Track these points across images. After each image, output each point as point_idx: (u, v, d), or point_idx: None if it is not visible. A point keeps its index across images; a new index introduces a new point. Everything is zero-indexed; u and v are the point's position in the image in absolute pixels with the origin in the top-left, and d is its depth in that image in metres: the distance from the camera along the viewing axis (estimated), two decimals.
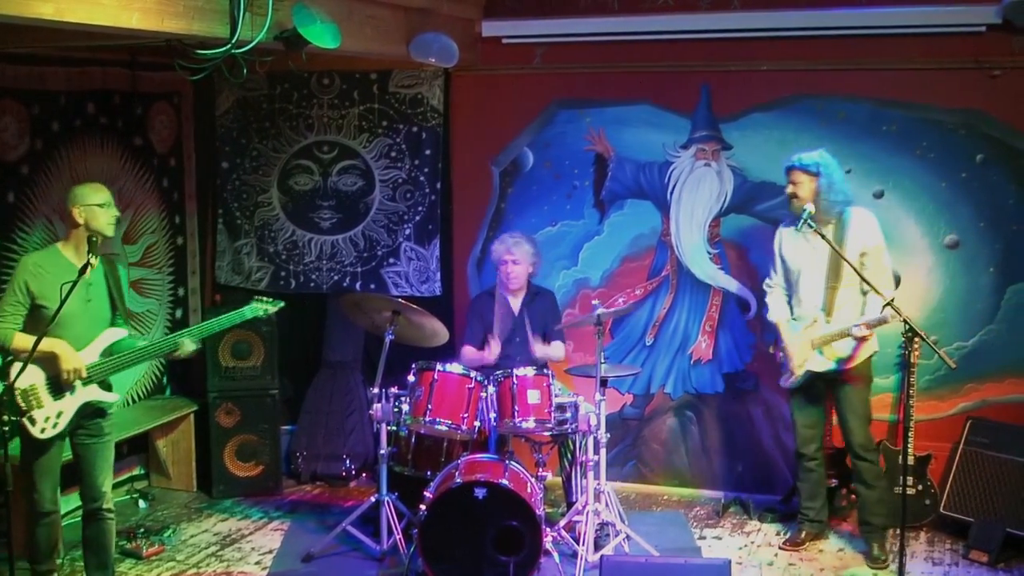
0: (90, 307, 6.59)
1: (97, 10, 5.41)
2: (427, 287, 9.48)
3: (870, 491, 7.73)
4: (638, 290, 9.21)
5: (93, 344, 6.61)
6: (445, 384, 7.60)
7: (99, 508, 6.88)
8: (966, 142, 8.35)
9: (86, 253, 6.44)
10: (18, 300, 6.45)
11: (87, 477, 6.85)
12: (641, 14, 8.81)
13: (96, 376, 6.63)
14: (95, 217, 6.56)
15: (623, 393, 9.34)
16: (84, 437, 6.78)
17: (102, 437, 6.85)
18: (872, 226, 7.57)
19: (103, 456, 6.87)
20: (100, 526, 6.93)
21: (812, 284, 7.62)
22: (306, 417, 9.75)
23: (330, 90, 9.52)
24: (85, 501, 6.91)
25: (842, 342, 7.48)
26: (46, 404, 6.48)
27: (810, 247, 7.60)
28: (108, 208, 6.63)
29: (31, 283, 6.45)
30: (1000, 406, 8.42)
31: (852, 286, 7.49)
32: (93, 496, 6.87)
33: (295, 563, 7.86)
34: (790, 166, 7.61)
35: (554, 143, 9.26)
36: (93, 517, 6.91)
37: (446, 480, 7.29)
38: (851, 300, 7.53)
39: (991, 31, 8.12)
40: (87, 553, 7.01)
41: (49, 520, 6.79)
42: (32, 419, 6.44)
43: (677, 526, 8.56)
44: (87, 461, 6.82)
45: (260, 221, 9.76)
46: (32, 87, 8.09)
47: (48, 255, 6.65)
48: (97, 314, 6.67)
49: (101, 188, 6.68)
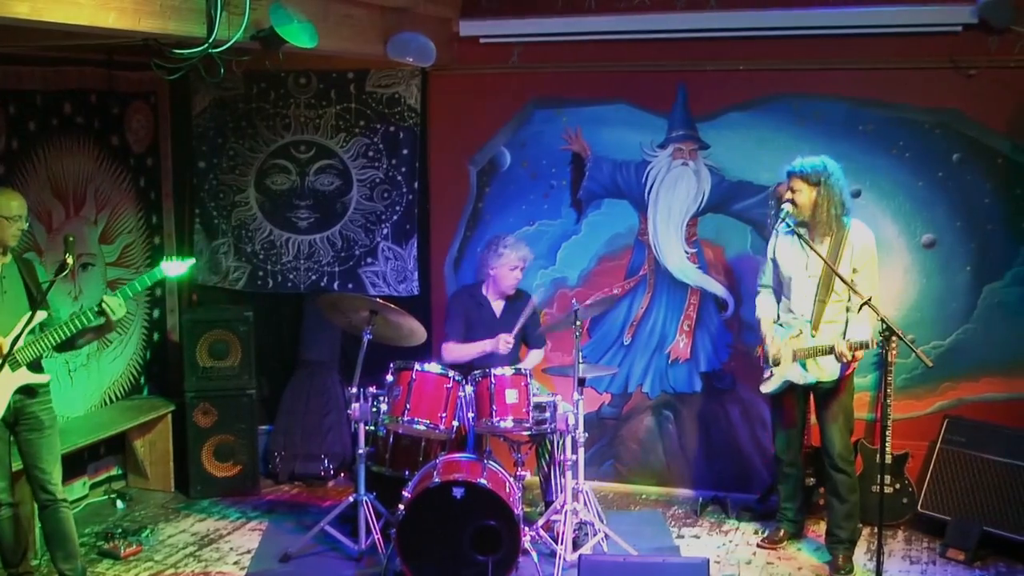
0: (5, 299, 6.66)
1: (73, 9, 5.39)
2: (405, 287, 9.48)
3: (842, 505, 7.65)
4: (616, 289, 9.21)
5: (14, 330, 6.59)
6: (423, 384, 7.59)
7: (53, 499, 6.92)
8: (942, 141, 8.38)
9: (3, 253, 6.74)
10: None
11: (35, 471, 6.88)
12: (618, 13, 8.82)
13: (23, 358, 6.64)
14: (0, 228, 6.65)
15: (601, 392, 9.34)
16: (26, 433, 6.82)
17: (43, 431, 6.87)
18: (869, 243, 7.48)
19: (47, 449, 6.89)
20: (58, 516, 6.96)
21: (802, 294, 7.54)
22: (283, 417, 9.73)
23: (307, 90, 9.51)
24: (38, 496, 6.95)
25: (829, 362, 7.42)
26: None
27: (803, 256, 7.53)
28: (17, 221, 6.67)
29: None
30: (976, 405, 8.45)
31: (841, 302, 7.44)
32: (45, 488, 6.90)
33: (273, 563, 7.85)
34: (791, 171, 7.48)
35: (531, 142, 9.27)
36: (49, 509, 6.95)
37: (424, 480, 7.29)
38: (840, 315, 7.47)
39: (967, 31, 8.15)
40: (51, 547, 7.05)
41: (8, 513, 6.89)
42: None
43: (655, 525, 8.57)
44: (32, 456, 6.86)
45: (237, 221, 9.74)
46: (8, 86, 8.05)
47: None
48: (13, 305, 6.69)
49: (14, 199, 6.71)
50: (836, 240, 7.42)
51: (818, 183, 7.37)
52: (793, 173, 7.47)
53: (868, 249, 7.48)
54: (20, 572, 7.04)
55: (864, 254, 7.45)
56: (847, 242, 7.41)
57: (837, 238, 7.42)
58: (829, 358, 7.37)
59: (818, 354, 7.41)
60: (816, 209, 7.38)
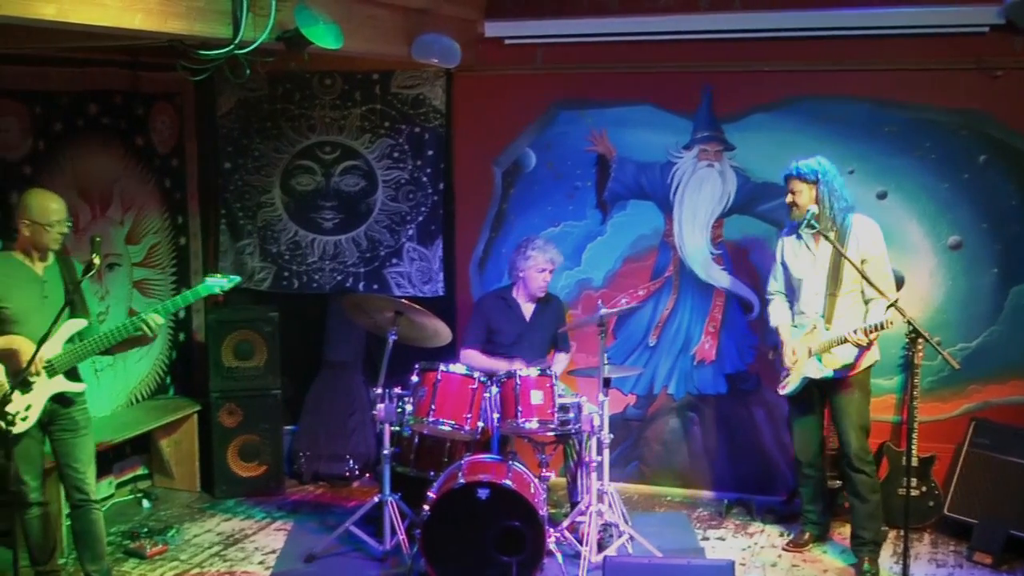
0: (47, 303, 6.62)
1: (100, 11, 5.41)
2: (430, 287, 9.50)
3: (864, 505, 7.64)
4: (641, 291, 9.20)
5: (54, 337, 6.59)
6: (448, 384, 7.59)
7: (86, 500, 6.94)
8: (968, 143, 8.34)
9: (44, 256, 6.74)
10: None
11: (69, 471, 6.90)
12: (642, 15, 8.81)
13: (60, 367, 6.66)
14: (40, 235, 6.66)
15: (626, 394, 9.33)
16: (60, 433, 6.84)
17: (78, 432, 6.89)
18: (874, 234, 7.49)
19: (82, 449, 6.92)
20: (90, 517, 6.98)
21: (813, 292, 7.56)
22: (308, 417, 9.74)
23: (332, 91, 9.52)
24: (71, 495, 6.97)
25: (844, 349, 7.40)
26: (13, 399, 6.48)
27: (811, 255, 7.56)
28: (57, 226, 6.68)
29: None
30: (1003, 407, 8.41)
31: (853, 293, 7.44)
32: (78, 488, 6.92)
33: (298, 563, 7.86)
34: (788, 174, 7.55)
35: (556, 144, 9.26)
36: (82, 510, 6.97)
37: (449, 480, 7.29)
38: (852, 308, 7.46)
39: (993, 31, 8.11)
40: (79, 547, 7.07)
41: (39, 512, 6.88)
42: (3, 414, 6.41)
43: (680, 527, 8.56)
44: (67, 456, 6.88)
45: (262, 221, 9.77)
46: (34, 87, 8.09)
47: (3, 259, 6.80)
48: (54, 310, 6.60)
49: (52, 202, 6.71)
50: (839, 235, 7.43)
51: (816, 181, 7.43)
52: (790, 176, 7.54)
53: (876, 241, 7.48)
54: (47, 570, 7.06)
55: (871, 245, 7.45)
56: (851, 235, 7.43)
57: (839, 233, 7.44)
58: (845, 347, 7.38)
59: (833, 346, 7.41)
60: (818, 206, 7.41)
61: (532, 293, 8.45)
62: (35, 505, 6.87)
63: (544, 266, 8.33)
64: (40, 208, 6.64)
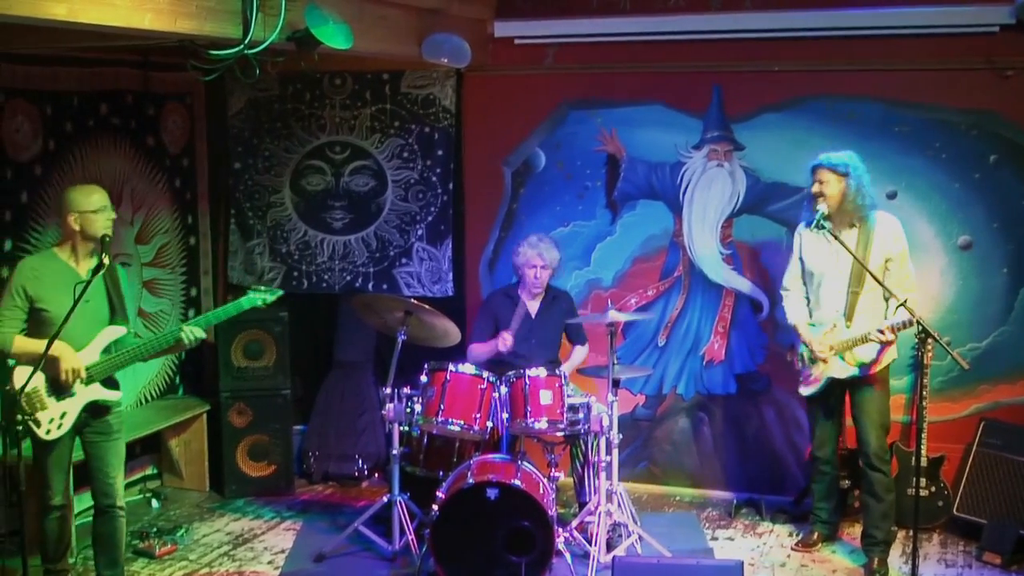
0: (87, 308, 6.51)
1: (110, 11, 5.42)
2: (439, 287, 9.50)
3: (878, 504, 7.62)
4: (650, 291, 9.20)
5: (92, 344, 6.60)
6: (457, 384, 7.60)
7: (111, 505, 6.89)
8: (979, 143, 8.33)
9: (89, 256, 6.59)
10: (16, 304, 6.49)
11: (99, 475, 6.85)
12: (652, 14, 8.81)
13: (98, 375, 6.62)
14: (91, 223, 6.55)
15: (635, 394, 9.33)
16: (93, 435, 6.78)
17: (111, 435, 6.83)
18: (898, 231, 7.48)
19: (114, 453, 6.86)
20: (112, 523, 6.93)
21: (833, 288, 7.52)
22: (318, 417, 9.75)
23: (342, 90, 9.53)
24: (97, 499, 6.90)
25: (866, 346, 7.41)
26: (49, 406, 6.49)
27: (832, 250, 7.48)
28: (104, 212, 6.60)
29: (28, 286, 6.49)
30: (1013, 407, 8.39)
31: (875, 291, 7.40)
32: (106, 493, 6.87)
33: (307, 563, 7.87)
34: (817, 164, 7.47)
35: (566, 143, 9.26)
36: (105, 515, 6.91)
37: (458, 480, 7.29)
38: (873, 306, 7.44)
39: (1004, 31, 8.09)
40: (97, 550, 7.01)
41: (59, 514, 6.83)
42: (37, 421, 6.45)
43: (689, 527, 8.55)
44: (98, 459, 6.82)
45: (272, 221, 9.78)
46: (45, 87, 8.11)
47: (45, 258, 6.69)
48: (95, 315, 6.63)
49: (95, 192, 6.64)
50: (864, 232, 7.42)
51: (846, 174, 7.38)
52: (820, 166, 7.46)
53: (899, 238, 7.48)
54: (57, 569, 7.05)
55: (896, 242, 7.45)
56: (875, 232, 7.41)
57: (865, 229, 7.42)
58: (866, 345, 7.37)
59: (856, 344, 7.38)
60: (844, 200, 7.38)
61: (529, 290, 8.44)
62: (56, 508, 6.80)
63: (534, 262, 8.31)
64: (84, 198, 6.55)
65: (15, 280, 6.54)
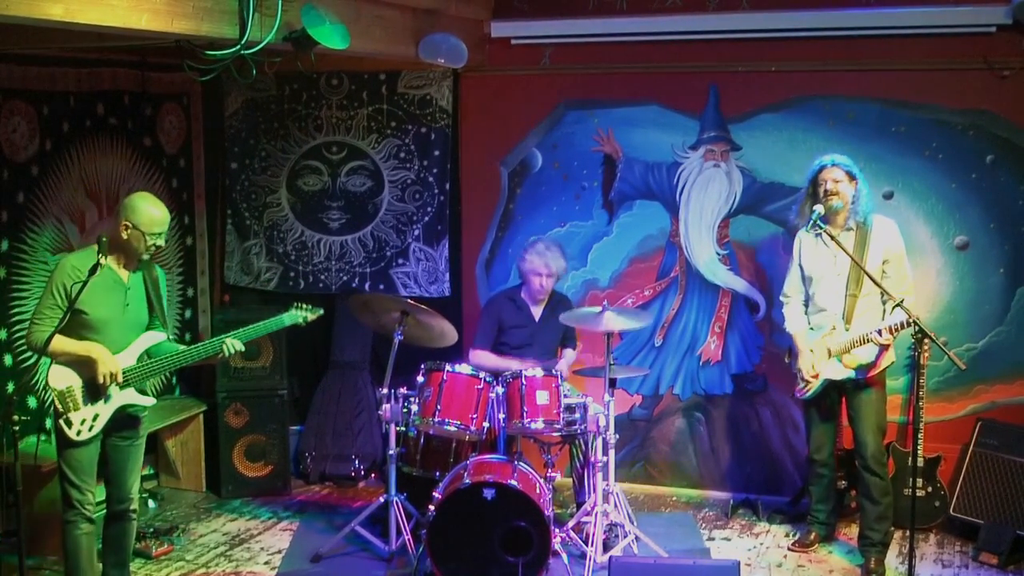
0: (127, 311, 6.51)
1: (107, 11, 5.42)
2: (436, 288, 9.50)
3: (874, 507, 7.63)
4: (647, 291, 9.20)
5: (130, 348, 6.56)
6: (454, 385, 7.60)
7: (126, 509, 6.87)
8: (975, 143, 8.33)
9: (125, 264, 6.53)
10: (56, 303, 6.31)
11: (117, 478, 6.81)
12: (649, 15, 8.81)
13: (133, 380, 6.58)
14: (138, 242, 6.41)
15: (632, 394, 9.33)
16: (118, 440, 6.73)
17: (135, 440, 6.82)
18: (895, 234, 7.50)
19: (134, 458, 6.85)
20: (124, 526, 6.91)
21: (832, 291, 7.53)
22: (314, 417, 9.75)
23: (339, 91, 9.53)
24: (112, 502, 6.86)
25: (864, 349, 7.39)
26: (83, 407, 6.44)
27: (830, 254, 7.50)
28: (156, 239, 6.46)
29: (69, 285, 6.30)
30: (1010, 408, 8.40)
31: (874, 294, 7.40)
32: (121, 497, 6.83)
33: (304, 563, 7.86)
34: (831, 163, 7.43)
35: (562, 144, 9.26)
36: (119, 518, 6.88)
37: (455, 481, 7.29)
38: (872, 309, 7.46)
39: (1001, 32, 8.10)
40: (107, 551, 6.97)
41: (88, 529, 6.67)
42: (68, 421, 6.41)
43: (686, 527, 8.55)
44: (118, 463, 6.78)
45: (269, 222, 9.78)
46: (42, 88, 8.10)
47: (87, 256, 6.39)
48: (134, 319, 6.59)
49: (157, 215, 6.46)
50: (861, 235, 7.43)
51: (855, 177, 7.43)
52: (835, 165, 7.45)
53: (896, 240, 7.50)
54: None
55: (893, 245, 7.47)
56: (872, 235, 7.43)
57: (861, 233, 7.43)
58: (864, 347, 7.37)
59: (854, 347, 7.38)
60: (854, 201, 7.40)
61: (532, 296, 8.44)
62: (85, 521, 6.62)
63: (540, 271, 8.30)
64: (147, 214, 6.40)
65: (56, 278, 6.36)
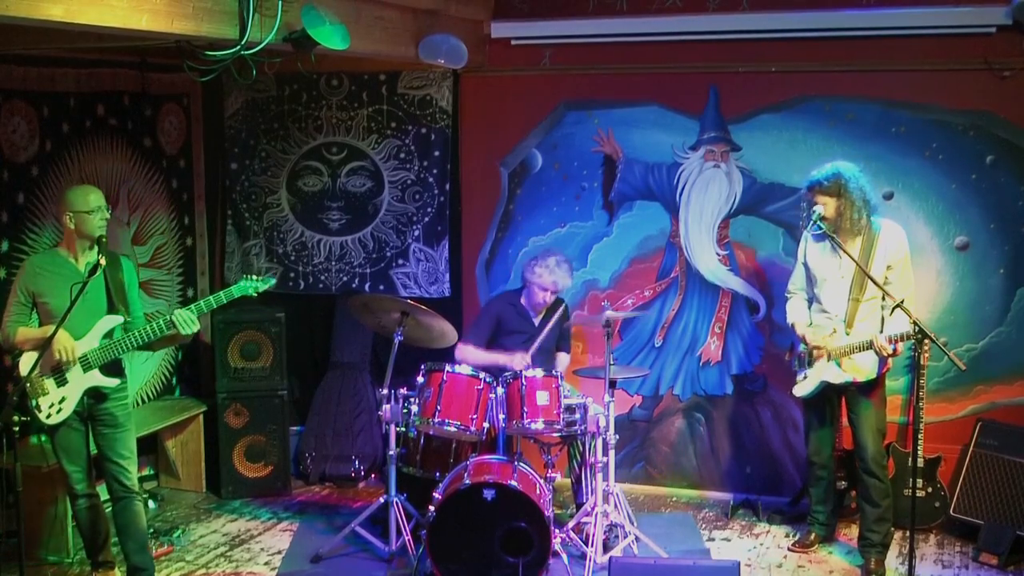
0: (85, 299, 6.66)
1: (107, 12, 5.42)
2: (436, 288, 9.49)
3: (874, 509, 7.62)
4: (647, 291, 9.20)
5: (90, 332, 6.80)
6: (454, 385, 7.59)
7: (128, 491, 7.08)
8: (975, 143, 8.33)
9: (87, 251, 6.83)
10: (20, 301, 6.84)
11: (110, 465, 7.01)
12: (649, 15, 8.81)
13: (95, 361, 6.81)
14: (84, 223, 6.75)
15: (632, 395, 9.33)
16: (101, 428, 6.99)
17: (118, 428, 7.01)
18: (901, 240, 7.46)
19: (122, 444, 7.03)
20: (132, 509, 7.11)
21: (835, 294, 7.51)
22: (315, 418, 9.75)
23: (339, 91, 9.53)
24: (113, 489, 7.07)
25: (867, 358, 7.39)
26: (50, 391, 6.75)
27: (836, 256, 7.48)
28: (98, 212, 6.78)
29: (30, 284, 6.82)
30: (1010, 408, 8.40)
31: (876, 299, 7.41)
32: (120, 481, 7.04)
33: (304, 564, 7.86)
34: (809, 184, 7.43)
35: (562, 144, 9.26)
36: (123, 501, 7.08)
37: (455, 481, 7.29)
38: (872, 314, 7.45)
39: (1001, 32, 8.10)
40: (124, 539, 7.18)
41: (87, 503, 7.09)
42: (38, 406, 6.72)
43: (686, 528, 8.55)
44: (108, 450, 7.01)
45: (269, 222, 9.78)
46: (42, 88, 8.10)
47: (49, 256, 7.00)
48: (92, 306, 6.81)
49: (90, 193, 6.82)
50: (867, 240, 7.40)
51: (837, 193, 7.34)
52: (812, 186, 7.43)
53: (901, 246, 7.46)
54: (101, 561, 7.25)
55: (898, 251, 7.43)
56: (879, 241, 7.40)
57: (868, 238, 7.40)
58: (866, 355, 7.35)
59: (854, 351, 7.37)
60: (840, 218, 7.36)
61: (532, 305, 8.44)
62: (82, 497, 7.06)
63: (547, 287, 8.26)
64: (80, 198, 6.75)
65: (19, 279, 6.89)
